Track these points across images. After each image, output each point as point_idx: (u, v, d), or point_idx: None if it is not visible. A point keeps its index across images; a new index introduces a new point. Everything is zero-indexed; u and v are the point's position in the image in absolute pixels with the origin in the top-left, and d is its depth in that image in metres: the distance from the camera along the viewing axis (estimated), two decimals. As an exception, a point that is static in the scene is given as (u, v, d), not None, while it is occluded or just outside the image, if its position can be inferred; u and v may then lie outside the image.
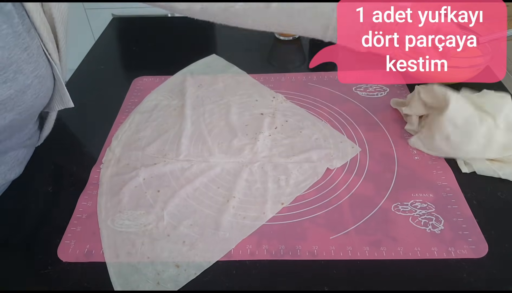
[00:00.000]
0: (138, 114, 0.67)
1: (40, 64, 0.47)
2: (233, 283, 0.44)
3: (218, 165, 0.57)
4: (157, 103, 0.70)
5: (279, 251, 0.47)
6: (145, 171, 0.56)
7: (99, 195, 0.54)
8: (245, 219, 0.50)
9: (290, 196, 0.53)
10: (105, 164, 0.58)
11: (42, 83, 0.48)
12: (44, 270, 0.46)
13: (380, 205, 0.51)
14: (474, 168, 0.55)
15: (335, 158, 0.58)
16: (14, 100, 0.45)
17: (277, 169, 0.56)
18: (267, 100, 0.70)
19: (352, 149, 0.60)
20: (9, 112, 0.45)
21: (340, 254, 0.46)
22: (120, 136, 0.63)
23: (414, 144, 0.59)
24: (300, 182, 0.54)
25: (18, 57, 0.43)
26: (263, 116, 0.66)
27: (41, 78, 0.47)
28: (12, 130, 0.50)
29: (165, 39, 0.67)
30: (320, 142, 0.61)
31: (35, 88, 0.47)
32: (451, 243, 0.46)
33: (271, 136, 0.62)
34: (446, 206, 0.51)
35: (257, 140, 0.61)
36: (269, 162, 0.57)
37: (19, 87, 0.44)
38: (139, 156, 0.59)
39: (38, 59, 0.47)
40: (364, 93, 0.71)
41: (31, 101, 0.47)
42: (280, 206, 0.51)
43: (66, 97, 0.53)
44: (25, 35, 0.44)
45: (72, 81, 0.79)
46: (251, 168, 0.57)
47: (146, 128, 0.64)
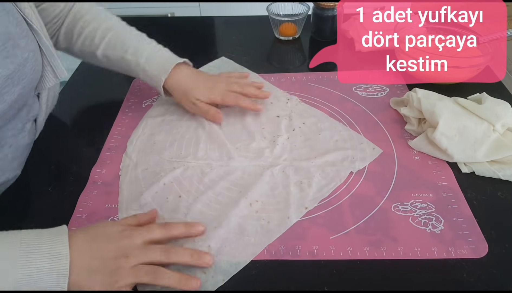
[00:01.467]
0: (150, 119, 0.67)
1: (30, 38, 0.50)
2: (233, 283, 0.44)
3: (239, 168, 0.57)
4: (168, 107, 0.69)
5: (279, 251, 0.47)
6: (166, 176, 0.56)
7: (119, 201, 0.53)
8: (269, 223, 0.50)
9: (314, 200, 0.52)
10: (123, 170, 0.58)
11: (36, 56, 0.51)
12: (44, 270, 0.46)
13: (380, 205, 0.51)
14: (474, 169, 0.55)
15: (357, 160, 0.57)
16: (18, 74, 0.47)
17: (299, 173, 0.56)
18: (281, 102, 0.69)
19: (373, 150, 0.59)
20: (16, 86, 0.47)
21: (340, 254, 0.46)
22: (134, 141, 0.62)
23: (415, 146, 0.59)
24: (323, 186, 0.54)
25: (13, 32, 0.46)
26: (280, 119, 0.65)
27: (34, 52, 0.50)
28: (17, 106, 0.51)
29: (165, 39, 0.67)
30: (341, 144, 0.60)
31: (32, 61, 0.49)
32: (451, 243, 0.46)
33: (290, 139, 0.61)
34: (446, 206, 0.51)
35: (276, 144, 0.60)
36: (290, 165, 0.57)
37: (19, 61, 0.47)
38: (157, 161, 0.59)
39: (27, 34, 0.49)
40: (364, 93, 0.71)
41: (31, 74, 0.50)
42: (304, 210, 0.51)
43: (59, 69, 0.54)
44: (14, 11, 0.47)
45: (72, 81, 0.79)
46: (273, 171, 0.56)
47: (160, 133, 0.64)
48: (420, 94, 0.60)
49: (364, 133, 0.62)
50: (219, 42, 0.92)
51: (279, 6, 0.88)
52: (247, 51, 0.86)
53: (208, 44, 0.90)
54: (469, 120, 0.56)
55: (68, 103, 0.72)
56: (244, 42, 0.89)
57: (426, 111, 0.58)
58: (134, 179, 0.56)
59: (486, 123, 0.55)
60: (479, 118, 0.56)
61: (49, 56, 0.52)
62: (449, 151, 0.55)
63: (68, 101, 0.72)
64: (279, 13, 0.88)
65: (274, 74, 0.77)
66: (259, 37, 0.91)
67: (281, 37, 0.88)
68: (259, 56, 0.85)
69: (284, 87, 0.73)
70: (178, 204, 0.52)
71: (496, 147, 0.54)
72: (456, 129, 0.55)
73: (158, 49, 0.65)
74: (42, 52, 0.52)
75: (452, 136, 0.55)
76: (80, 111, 0.73)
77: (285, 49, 0.88)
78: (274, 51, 0.88)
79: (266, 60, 0.84)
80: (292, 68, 0.81)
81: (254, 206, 0.51)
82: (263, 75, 0.77)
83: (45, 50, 0.52)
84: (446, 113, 0.56)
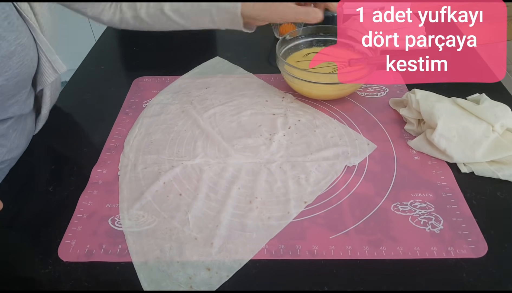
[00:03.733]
0: (146, 119, 0.67)
1: (23, 33, 0.51)
2: (233, 283, 0.44)
3: (236, 166, 0.57)
4: (163, 107, 0.70)
5: (279, 251, 0.47)
6: (165, 175, 0.56)
7: (120, 200, 0.53)
8: (270, 219, 0.50)
9: (312, 195, 0.53)
10: (122, 169, 0.58)
11: (26, 51, 0.52)
12: (45, 270, 0.46)
13: (379, 204, 0.51)
14: (473, 169, 0.55)
15: (352, 155, 0.58)
16: (0, 65, 0.48)
17: (296, 168, 0.57)
18: (276, 100, 0.70)
19: (368, 146, 0.60)
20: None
21: (340, 254, 0.46)
22: (131, 141, 0.63)
23: (415, 146, 0.59)
24: (320, 180, 0.55)
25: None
26: (275, 117, 0.66)
27: (24, 46, 0.51)
28: (3, 98, 0.52)
29: (166, 39, 0.67)
30: (336, 141, 0.61)
31: (20, 56, 0.51)
32: (450, 242, 0.47)
33: (285, 136, 0.62)
34: (446, 205, 0.51)
35: (273, 141, 0.61)
36: (287, 161, 0.58)
37: (4, 53, 0.49)
38: (155, 160, 0.59)
39: (20, 28, 0.50)
40: (364, 93, 0.71)
41: (17, 68, 0.51)
42: (304, 205, 0.52)
43: (57, 63, 0.56)
44: (4, 5, 0.48)
45: (73, 81, 0.79)
46: (270, 168, 0.57)
47: (156, 132, 0.64)
48: (418, 96, 0.60)
49: (364, 133, 0.62)
50: (219, 42, 0.93)
51: (279, 6, 0.87)
52: (247, 51, 0.86)
53: (208, 44, 0.90)
54: (468, 121, 0.56)
55: (68, 103, 0.72)
56: (244, 42, 0.89)
57: (425, 113, 0.58)
58: (134, 179, 0.56)
59: (485, 124, 0.55)
60: (478, 119, 0.56)
61: (46, 51, 0.54)
62: (448, 151, 0.55)
63: (68, 101, 0.72)
64: (279, 13, 0.88)
65: (274, 74, 0.77)
66: (259, 37, 0.91)
67: (281, 37, 0.88)
68: (259, 56, 0.85)
69: (284, 87, 0.73)
70: (178, 202, 0.53)
71: (495, 147, 0.54)
72: (455, 130, 0.55)
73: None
74: (40, 48, 0.53)
75: (451, 138, 0.55)
76: (80, 111, 0.73)
77: (285, 49, 0.88)
78: (274, 51, 0.88)
79: (266, 60, 0.84)
80: (292, 68, 0.81)
81: (254, 202, 0.52)
82: (263, 75, 0.77)
83: (43, 46, 0.53)
84: (445, 115, 0.56)
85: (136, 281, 0.44)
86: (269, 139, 0.62)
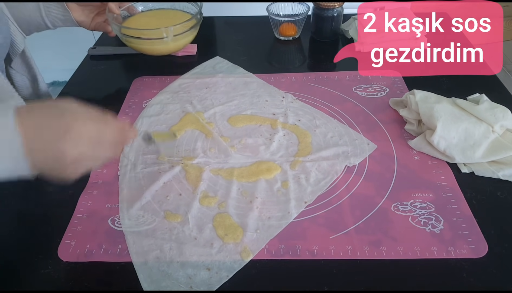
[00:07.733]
0: (145, 118, 0.67)
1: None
2: (233, 283, 0.44)
3: (236, 166, 0.57)
4: (163, 106, 0.70)
5: (279, 251, 0.47)
6: (165, 175, 0.56)
7: (120, 200, 0.53)
8: (270, 219, 0.50)
9: (312, 194, 0.53)
10: (122, 169, 0.58)
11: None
12: (44, 270, 0.46)
13: (380, 204, 0.51)
14: (473, 169, 0.55)
15: (352, 155, 0.58)
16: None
17: (296, 168, 0.56)
18: (277, 100, 0.70)
19: (368, 146, 0.60)
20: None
21: (340, 254, 0.46)
22: (130, 141, 0.63)
23: (415, 146, 0.59)
24: (320, 180, 0.55)
25: None
26: (275, 116, 0.66)
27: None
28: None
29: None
30: (336, 141, 0.61)
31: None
32: (450, 242, 0.47)
33: (285, 136, 0.62)
34: (446, 205, 0.51)
35: (273, 141, 0.61)
36: (286, 161, 0.58)
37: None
38: (155, 160, 0.59)
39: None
40: (364, 93, 0.71)
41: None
42: (304, 205, 0.51)
43: (18, 37, 0.60)
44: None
45: (73, 81, 0.79)
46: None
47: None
48: (418, 97, 0.60)
49: (364, 133, 0.62)
50: (219, 42, 0.93)
51: (279, 6, 0.88)
52: (247, 51, 0.86)
53: (208, 44, 0.90)
54: (468, 122, 0.56)
55: (68, 103, 0.72)
56: (244, 42, 0.89)
57: (424, 115, 0.58)
58: (133, 179, 0.56)
59: (485, 125, 0.55)
60: (478, 119, 0.56)
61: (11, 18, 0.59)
62: (448, 152, 0.55)
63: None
64: (279, 13, 0.88)
65: (274, 74, 0.77)
66: (259, 37, 0.91)
67: (281, 37, 0.89)
68: (259, 56, 0.85)
69: (284, 87, 0.73)
70: (178, 203, 0.53)
71: (495, 147, 0.54)
72: (455, 131, 0.55)
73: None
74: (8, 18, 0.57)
75: (450, 139, 0.55)
76: (80, 111, 0.73)
77: (285, 49, 0.88)
78: (274, 51, 0.88)
79: (266, 60, 0.84)
80: (292, 68, 0.81)
81: (255, 202, 0.52)
82: (263, 75, 0.77)
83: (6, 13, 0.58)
84: (444, 116, 0.56)
85: (136, 281, 0.44)
86: (269, 139, 0.62)
